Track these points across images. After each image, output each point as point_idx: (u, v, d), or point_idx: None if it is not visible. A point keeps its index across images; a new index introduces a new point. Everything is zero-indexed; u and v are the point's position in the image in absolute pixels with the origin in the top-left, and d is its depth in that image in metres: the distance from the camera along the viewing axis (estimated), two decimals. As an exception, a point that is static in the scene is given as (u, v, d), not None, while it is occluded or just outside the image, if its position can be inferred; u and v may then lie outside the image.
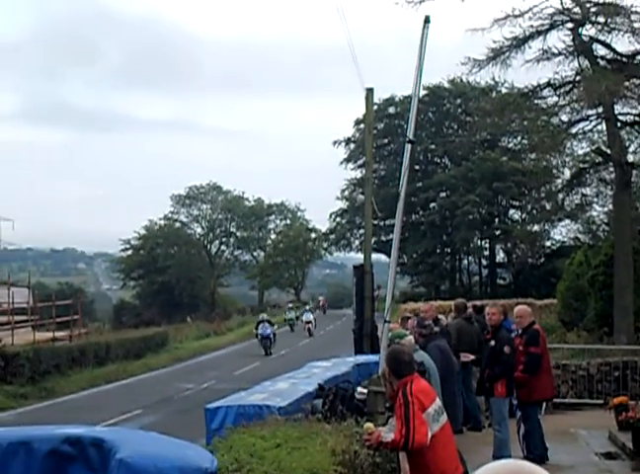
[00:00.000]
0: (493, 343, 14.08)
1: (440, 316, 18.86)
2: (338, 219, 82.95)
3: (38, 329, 41.19)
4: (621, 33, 30.52)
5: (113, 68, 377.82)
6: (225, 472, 7.29)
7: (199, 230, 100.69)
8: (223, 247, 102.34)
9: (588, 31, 31.49)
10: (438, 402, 8.49)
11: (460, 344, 17.08)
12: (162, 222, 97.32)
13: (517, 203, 71.70)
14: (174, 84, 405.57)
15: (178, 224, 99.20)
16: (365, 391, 13.22)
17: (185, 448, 3.36)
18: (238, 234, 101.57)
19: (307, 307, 63.20)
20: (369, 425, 8.81)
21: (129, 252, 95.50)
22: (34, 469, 3.29)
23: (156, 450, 3.24)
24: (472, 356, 16.75)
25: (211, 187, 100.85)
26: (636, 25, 30.09)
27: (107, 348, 39.69)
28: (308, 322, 57.49)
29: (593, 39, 31.42)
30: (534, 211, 63.51)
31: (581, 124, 32.80)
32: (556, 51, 31.49)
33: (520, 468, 2.33)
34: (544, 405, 18.64)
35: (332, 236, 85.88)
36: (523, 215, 71.06)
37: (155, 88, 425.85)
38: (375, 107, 53.52)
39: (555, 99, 32.54)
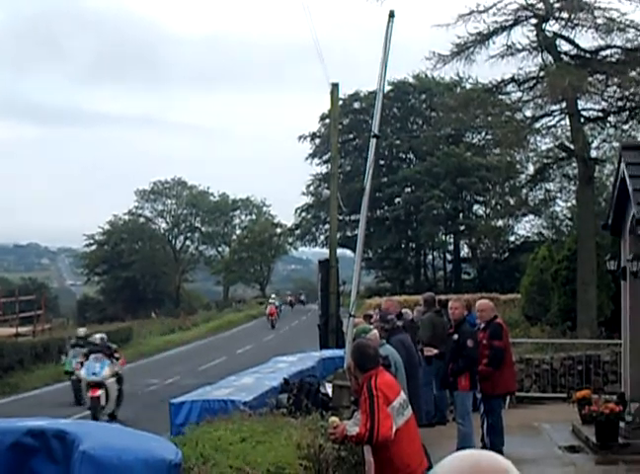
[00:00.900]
0: (456, 337, 14.13)
1: (406, 310, 18.91)
2: (303, 214, 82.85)
3: (0, 324, 40.90)
4: (585, 28, 30.77)
5: (79, 64, 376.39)
6: (190, 466, 7.27)
7: (163, 225, 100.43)
8: (188, 242, 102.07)
9: (551, 26, 31.73)
10: (402, 396, 8.51)
11: (434, 337, 17.13)
12: (126, 217, 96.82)
13: (481, 199, 71.95)
14: (141, 80, 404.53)
15: (142, 219, 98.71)
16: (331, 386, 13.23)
17: (149, 440, 3.34)
18: (203, 229, 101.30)
19: (99, 336, 22.95)
20: (334, 419, 8.82)
21: (93, 247, 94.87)
22: (-4, 461, 3.26)
23: (120, 443, 3.21)
24: (435, 351, 16.80)
25: (176, 182, 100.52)
26: (599, 21, 30.32)
27: (71, 343, 39.48)
28: (95, 386, 21.28)
29: (556, 35, 31.61)
30: (498, 207, 63.88)
31: (544, 120, 33.01)
32: (520, 47, 31.69)
33: (478, 457, 2.36)
34: (507, 399, 18.76)
35: (297, 231, 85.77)
36: (488, 210, 71.36)
37: (122, 84, 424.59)
38: (341, 102, 53.43)
39: (519, 94, 32.74)
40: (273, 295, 71.29)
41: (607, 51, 31.44)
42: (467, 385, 13.95)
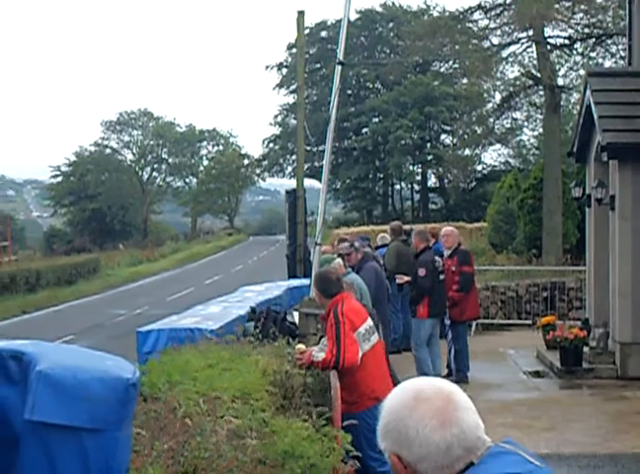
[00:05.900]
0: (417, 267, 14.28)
1: (383, 234, 19.20)
2: (271, 145, 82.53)
3: (-33, 256, 40.76)
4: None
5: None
6: (157, 392, 7.30)
7: (130, 156, 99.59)
8: (155, 173, 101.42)
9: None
10: (369, 322, 8.58)
11: (400, 266, 17.20)
12: (92, 148, 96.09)
13: (448, 128, 71.77)
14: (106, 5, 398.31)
15: (108, 150, 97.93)
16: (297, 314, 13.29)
17: (105, 360, 3.34)
18: (170, 160, 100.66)
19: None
20: (301, 345, 8.90)
21: (60, 179, 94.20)
22: (-49, 384, 3.25)
23: (76, 362, 3.23)
24: (407, 278, 16.88)
25: (142, 112, 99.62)
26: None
27: (37, 274, 39.39)
28: None
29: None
30: (466, 136, 63.78)
31: (511, 48, 32.89)
32: (487, -27, 31.43)
33: (420, 386, 2.42)
34: (473, 325, 18.98)
35: (265, 162, 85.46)
36: (455, 140, 71.19)
37: (87, 10, 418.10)
38: (307, 31, 53.02)
39: (486, 22, 32.56)
40: None
41: (575, -22, 31.25)
42: (425, 313, 14.07)
